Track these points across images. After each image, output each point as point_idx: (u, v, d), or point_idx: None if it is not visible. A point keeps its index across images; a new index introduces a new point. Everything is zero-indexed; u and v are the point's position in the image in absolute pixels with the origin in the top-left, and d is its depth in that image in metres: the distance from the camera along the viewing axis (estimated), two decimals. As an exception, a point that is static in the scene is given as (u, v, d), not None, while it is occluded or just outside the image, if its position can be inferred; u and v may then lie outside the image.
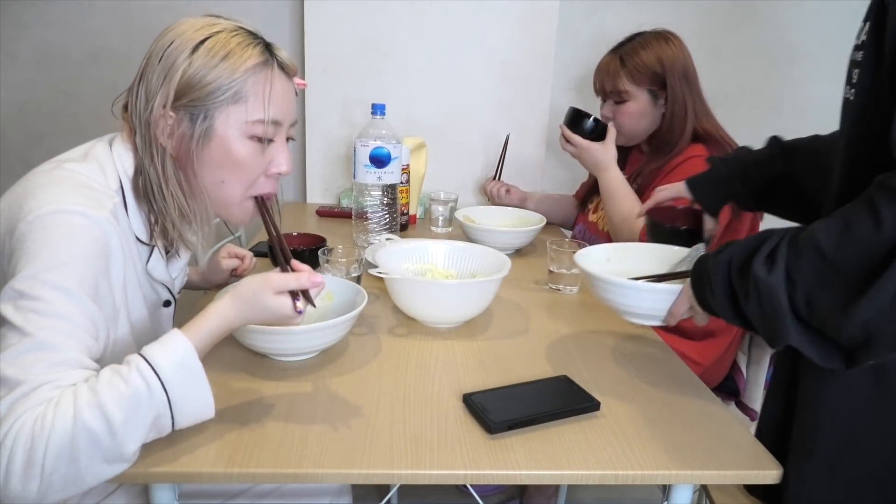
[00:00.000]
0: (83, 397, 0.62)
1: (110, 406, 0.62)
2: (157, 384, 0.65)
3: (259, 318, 0.75)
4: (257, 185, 0.88)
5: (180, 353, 0.67)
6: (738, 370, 1.49)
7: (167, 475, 0.67)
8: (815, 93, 2.14)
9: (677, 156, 1.42)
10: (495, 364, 0.94)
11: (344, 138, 1.92)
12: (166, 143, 0.82)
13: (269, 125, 0.84)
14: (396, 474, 0.69)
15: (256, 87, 0.82)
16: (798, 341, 0.67)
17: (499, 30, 1.85)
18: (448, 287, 1.02)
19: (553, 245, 1.24)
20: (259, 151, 0.85)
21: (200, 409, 0.69)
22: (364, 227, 1.44)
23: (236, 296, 0.74)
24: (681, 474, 0.71)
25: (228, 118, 0.82)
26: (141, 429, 0.64)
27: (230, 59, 0.80)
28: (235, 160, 0.84)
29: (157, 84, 0.80)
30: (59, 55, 1.93)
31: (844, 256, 0.62)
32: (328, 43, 1.83)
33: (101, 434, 0.61)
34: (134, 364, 0.65)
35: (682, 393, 0.88)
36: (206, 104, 0.80)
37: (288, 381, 0.86)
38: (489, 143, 1.95)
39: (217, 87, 0.80)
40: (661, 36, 1.45)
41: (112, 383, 0.64)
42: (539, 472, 0.70)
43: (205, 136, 0.81)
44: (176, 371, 0.66)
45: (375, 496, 1.73)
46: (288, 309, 0.73)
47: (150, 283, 0.91)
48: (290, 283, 0.73)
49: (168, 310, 0.98)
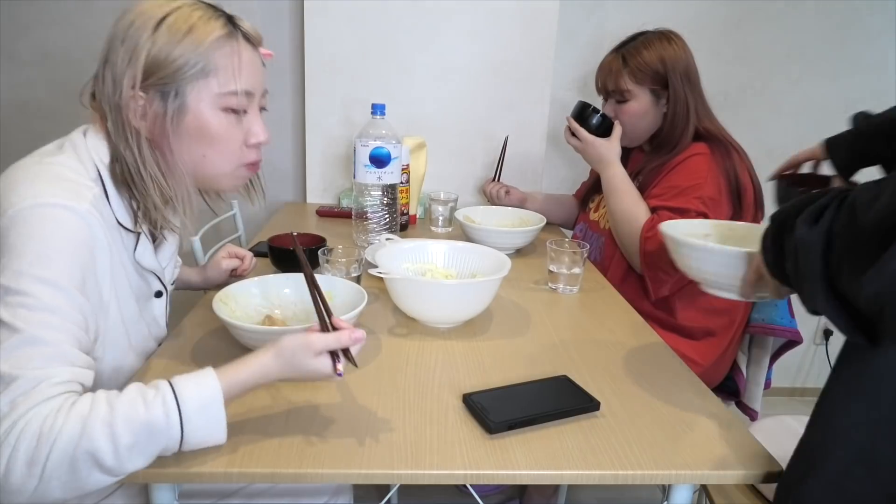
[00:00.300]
0: (99, 411, 0.62)
1: (121, 428, 0.62)
2: (177, 420, 0.64)
3: (298, 376, 0.74)
4: (243, 155, 0.88)
5: (208, 396, 0.67)
6: (738, 370, 1.49)
7: (167, 475, 0.67)
8: (815, 93, 2.15)
9: (679, 154, 1.42)
10: (495, 364, 0.94)
11: (344, 138, 1.92)
12: (139, 124, 0.81)
13: (242, 96, 0.84)
14: (396, 474, 0.69)
15: (224, 60, 0.82)
16: (824, 308, 0.63)
17: (499, 30, 1.85)
18: (448, 287, 1.02)
19: (553, 245, 1.24)
20: (234, 123, 0.85)
21: (209, 444, 0.68)
22: (364, 227, 1.44)
23: (278, 354, 0.72)
24: (681, 474, 0.71)
25: (200, 93, 0.81)
26: (146, 456, 0.64)
27: (194, 34, 0.79)
28: (212, 134, 0.83)
29: (122, 66, 0.79)
30: (59, 55, 1.93)
31: (869, 222, 0.57)
32: (328, 43, 1.83)
33: (104, 453, 0.61)
34: (161, 393, 0.65)
35: (682, 393, 0.88)
36: (176, 81, 0.80)
37: (288, 381, 0.86)
38: (489, 143, 1.95)
39: (184, 63, 0.79)
40: (663, 35, 1.44)
41: (132, 404, 0.63)
42: (539, 472, 0.70)
43: (178, 112, 0.81)
44: (198, 413, 0.65)
45: (375, 496, 1.73)
46: (328, 369, 0.72)
47: (138, 273, 0.90)
48: (331, 343, 0.72)
49: (160, 301, 0.96)
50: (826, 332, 2.42)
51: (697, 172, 1.37)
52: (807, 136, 2.22)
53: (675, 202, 1.35)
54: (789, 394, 2.50)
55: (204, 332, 0.99)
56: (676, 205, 1.34)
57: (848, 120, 1.07)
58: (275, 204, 2.12)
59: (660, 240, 1.29)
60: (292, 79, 1.99)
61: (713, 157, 1.38)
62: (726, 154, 1.40)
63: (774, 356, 1.48)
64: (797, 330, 1.44)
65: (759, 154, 2.20)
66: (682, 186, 1.37)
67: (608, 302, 1.23)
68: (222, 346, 0.94)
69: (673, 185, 1.39)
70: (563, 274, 1.25)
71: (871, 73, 2.13)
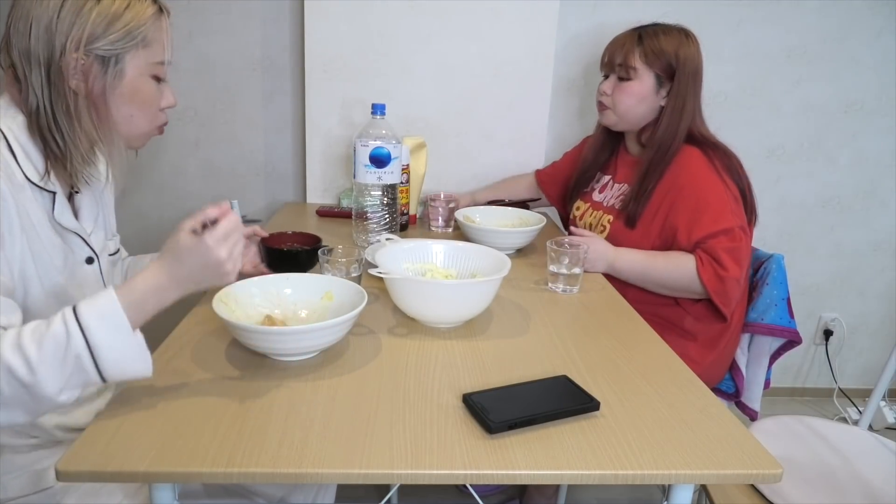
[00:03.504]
0: (9, 336, 0.69)
1: (27, 344, 0.68)
2: (76, 327, 0.69)
3: (185, 265, 0.76)
4: (158, 118, 1.00)
5: (102, 302, 0.71)
6: (737, 370, 1.49)
7: (167, 475, 0.67)
8: (816, 93, 2.15)
9: (674, 155, 1.41)
10: (495, 364, 0.94)
11: (344, 138, 1.92)
12: (75, 83, 0.86)
13: (167, 66, 0.96)
14: (396, 474, 0.69)
15: (158, 34, 0.93)
16: None
17: (499, 30, 1.85)
18: (448, 287, 1.02)
19: (553, 245, 1.24)
20: (158, 89, 0.97)
21: (130, 361, 0.72)
22: (364, 227, 1.44)
23: (161, 253, 0.77)
24: (681, 474, 0.71)
25: (138, 61, 0.91)
26: (60, 368, 0.68)
27: (133, 8, 0.88)
28: (143, 98, 0.94)
29: (64, 28, 0.84)
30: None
31: None
32: (328, 43, 1.83)
33: (18, 369, 0.67)
34: (60, 313, 0.70)
35: (682, 393, 0.88)
36: (117, 48, 0.88)
37: (288, 381, 0.86)
38: (489, 143, 1.96)
39: (128, 32, 0.88)
40: (683, 31, 1.43)
41: (36, 327, 0.70)
42: (539, 472, 0.70)
43: (117, 77, 0.89)
44: (97, 318, 0.70)
45: (375, 496, 1.73)
46: (202, 243, 0.75)
47: (60, 236, 0.93)
48: (198, 217, 0.77)
49: (92, 268, 0.99)
50: (826, 332, 2.42)
51: (709, 182, 1.36)
52: (807, 136, 2.24)
53: (715, 226, 1.32)
54: (789, 394, 2.50)
55: (204, 332, 0.99)
56: (719, 227, 1.32)
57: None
58: (275, 204, 2.12)
59: (718, 273, 1.30)
60: (292, 79, 1.99)
61: (710, 160, 1.38)
62: (725, 155, 1.40)
63: (774, 356, 1.48)
64: (797, 330, 1.44)
65: (759, 154, 2.22)
66: (705, 203, 1.34)
67: (608, 302, 1.23)
68: (222, 346, 0.94)
69: (693, 207, 1.35)
70: (563, 274, 1.25)
71: (871, 73, 2.13)
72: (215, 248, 0.76)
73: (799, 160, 2.22)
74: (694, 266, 1.33)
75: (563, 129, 2.12)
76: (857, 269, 2.36)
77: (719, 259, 1.31)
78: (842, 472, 1.23)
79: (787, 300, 1.45)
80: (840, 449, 1.30)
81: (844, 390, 2.45)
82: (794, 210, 2.28)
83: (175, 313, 1.03)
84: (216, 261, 0.76)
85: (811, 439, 1.33)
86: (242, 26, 1.94)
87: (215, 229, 0.76)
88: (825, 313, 2.41)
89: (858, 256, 2.35)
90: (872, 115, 2.18)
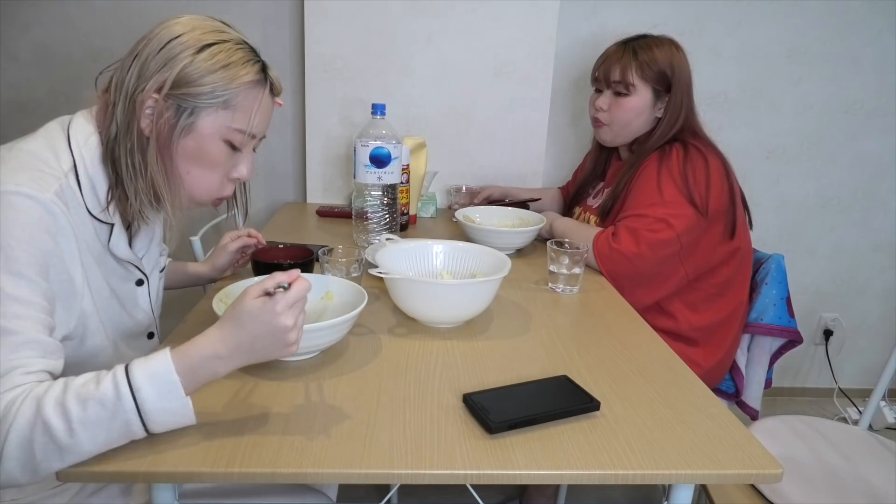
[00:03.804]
0: (54, 391, 0.65)
1: (72, 403, 0.64)
2: (127, 391, 0.65)
3: (247, 332, 0.70)
4: (222, 187, 0.94)
5: (156, 364, 0.68)
6: (737, 370, 1.49)
7: (167, 475, 0.67)
8: (815, 93, 2.15)
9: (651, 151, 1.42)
10: (495, 364, 0.94)
11: (344, 138, 1.92)
12: (144, 123, 0.84)
13: (248, 137, 0.90)
14: (396, 474, 0.69)
15: (247, 102, 0.88)
16: None
17: (499, 30, 1.85)
18: (448, 287, 1.02)
19: (553, 245, 1.24)
20: (229, 155, 0.91)
21: (178, 418, 0.69)
22: (364, 227, 1.44)
23: (223, 317, 0.72)
24: (681, 474, 0.71)
25: (214, 120, 0.86)
26: (102, 431, 0.65)
27: (230, 70, 0.85)
28: (207, 157, 0.89)
29: (155, 68, 0.83)
30: (59, 55, 1.93)
31: None
32: (328, 43, 1.83)
33: (56, 428, 0.63)
34: (113, 370, 0.67)
35: (682, 393, 0.88)
36: (197, 102, 0.84)
37: (288, 381, 0.86)
38: (489, 143, 1.96)
39: (211, 91, 0.84)
40: (671, 42, 1.44)
41: (85, 384, 0.66)
42: (539, 472, 0.70)
43: (186, 129, 0.85)
44: (149, 380, 0.66)
45: (375, 496, 1.73)
46: (270, 308, 0.70)
47: (116, 261, 0.92)
48: (266, 282, 0.72)
49: (142, 289, 0.99)
50: (826, 332, 2.42)
51: (654, 176, 1.37)
52: (807, 136, 2.24)
53: (634, 210, 1.36)
54: (789, 394, 2.50)
55: (204, 332, 0.98)
56: (636, 212, 1.35)
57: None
58: (275, 204, 2.12)
59: (610, 243, 1.35)
60: (292, 79, 1.99)
61: (675, 158, 1.36)
62: (701, 157, 1.36)
63: (774, 356, 1.48)
64: (797, 329, 1.44)
65: (759, 154, 2.22)
66: (638, 191, 1.38)
67: (608, 302, 1.23)
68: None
69: (632, 195, 1.39)
70: (563, 274, 1.25)
71: (871, 73, 2.13)
72: (283, 314, 0.70)
73: (799, 160, 2.22)
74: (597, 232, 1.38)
75: (562, 129, 2.12)
76: (857, 269, 2.37)
77: (617, 232, 1.35)
78: (842, 472, 1.23)
79: (787, 300, 1.45)
80: (840, 449, 1.30)
81: (844, 390, 2.45)
82: (794, 210, 2.28)
83: (175, 313, 1.03)
84: (282, 328, 0.70)
85: (811, 439, 1.33)
86: (242, 26, 1.92)
87: (287, 294, 0.70)
88: (825, 313, 2.41)
89: (858, 256, 2.35)
90: (872, 115, 2.18)
